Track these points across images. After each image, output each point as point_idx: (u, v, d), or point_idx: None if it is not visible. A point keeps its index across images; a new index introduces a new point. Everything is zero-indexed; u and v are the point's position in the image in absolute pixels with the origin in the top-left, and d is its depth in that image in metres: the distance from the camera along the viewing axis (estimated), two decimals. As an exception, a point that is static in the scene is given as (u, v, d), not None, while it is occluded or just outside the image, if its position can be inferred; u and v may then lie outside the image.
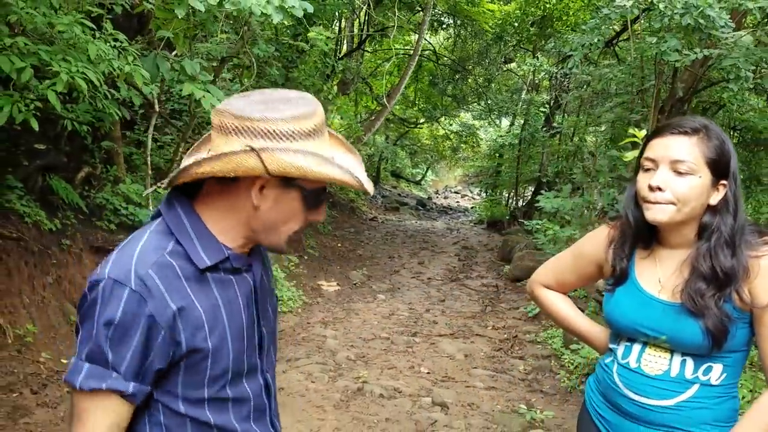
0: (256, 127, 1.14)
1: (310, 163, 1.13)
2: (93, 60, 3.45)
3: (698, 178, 1.48)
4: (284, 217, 1.23)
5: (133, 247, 1.18)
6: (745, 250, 1.49)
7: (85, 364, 1.11)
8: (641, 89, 7.73)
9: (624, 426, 1.62)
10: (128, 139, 6.19)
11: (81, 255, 4.87)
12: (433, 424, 4.23)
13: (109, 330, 1.10)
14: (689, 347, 1.52)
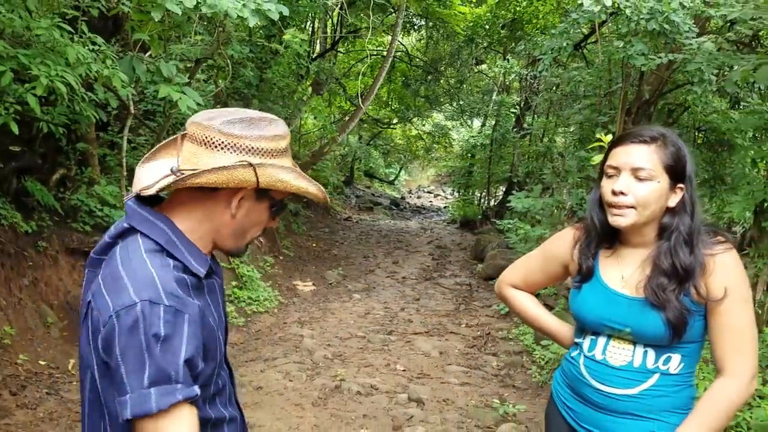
0: (244, 144, 1.26)
1: (290, 178, 1.29)
2: (72, 63, 3.48)
3: (657, 183, 1.61)
4: (252, 224, 1.36)
5: (143, 269, 1.21)
6: (702, 249, 1.61)
7: (151, 390, 1.12)
8: (609, 92, 7.94)
9: (590, 415, 1.73)
10: (102, 141, 6.16)
11: (57, 257, 4.86)
12: (410, 420, 4.33)
13: (160, 345, 1.13)
14: (651, 338, 1.64)
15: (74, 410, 3.89)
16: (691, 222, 1.63)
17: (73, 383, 4.21)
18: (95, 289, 1.23)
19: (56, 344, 4.49)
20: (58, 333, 4.57)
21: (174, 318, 1.16)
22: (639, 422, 1.66)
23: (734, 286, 1.59)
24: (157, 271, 1.20)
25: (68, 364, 4.38)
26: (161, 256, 1.24)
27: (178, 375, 1.14)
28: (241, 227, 1.34)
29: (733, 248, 1.63)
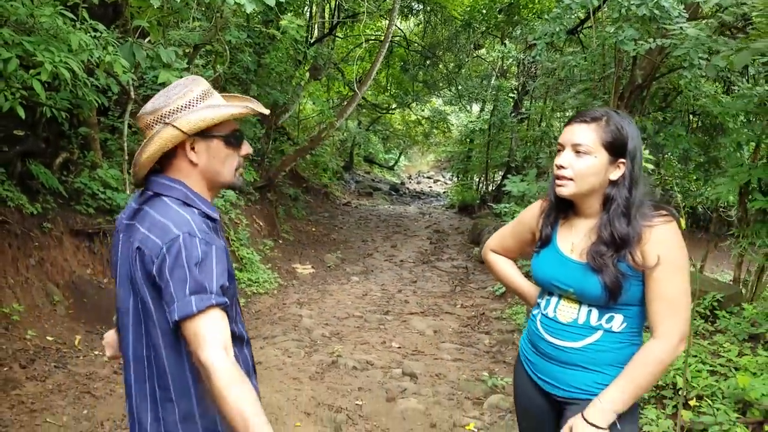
0: (164, 112, 1.58)
1: (210, 113, 1.57)
2: (74, 50, 3.60)
3: (594, 158, 1.78)
4: (220, 161, 1.65)
5: (179, 215, 1.55)
6: (641, 220, 1.76)
7: (192, 297, 1.47)
8: (603, 76, 8.04)
9: (544, 366, 1.94)
10: (103, 125, 6.29)
11: (62, 238, 5.02)
12: (403, 392, 4.50)
13: (198, 266, 1.49)
14: (592, 299, 1.81)
15: (81, 382, 4.06)
16: (629, 195, 1.77)
17: (79, 358, 4.38)
18: (141, 238, 1.56)
19: (62, 321, 4.65)
20: (64, 311, 4.74)
21: (207, 247, 1.52)
22: (584, 373, 1.84)
23: (668, 255, 1.72)
24: (190, 216, 1.56)
25: (75, 340, 4.55)
26: (187, 207, 1.59)
27: (212, 287, 1.49)
28: (212, 168, 1.64)
29: (673, 221, 1.76)
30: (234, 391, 1.41)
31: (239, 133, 1.68)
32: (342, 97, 16.48)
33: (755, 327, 4.55)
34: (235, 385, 1.42)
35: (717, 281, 5.70)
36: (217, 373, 1.42)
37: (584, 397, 1.85)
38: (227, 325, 1.51)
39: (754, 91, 6.20)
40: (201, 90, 1.63)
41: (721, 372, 3.92)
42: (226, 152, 1.65)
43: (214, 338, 1.46)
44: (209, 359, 1.43)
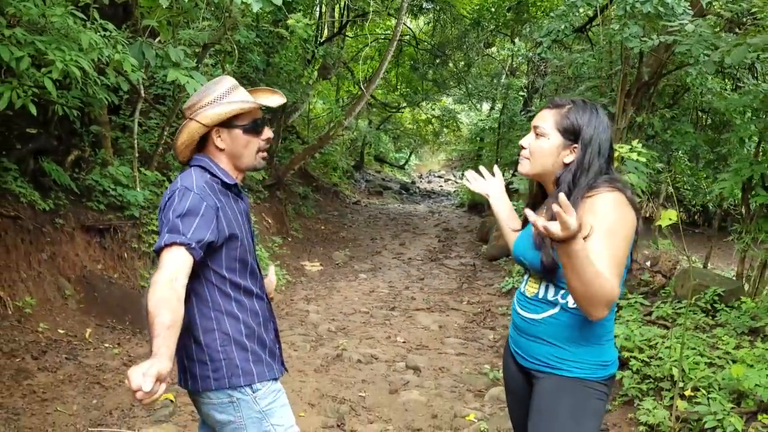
0: (194, 108, 1.98)
1: (224, 108, 1.94)
2: (85, 49, 3.71)
3: (547, 139, 1.94)
4: (241, 146, 2.01)
5: (190, 175, 1.94)
6: (587, 193, 1.85)
7: (167, 234, 1.79)
8: (610, 74, 8.06)
9: (516, 337, 2.07)
10: (114, 124, 6.40)
11: (73, 233, 5.13)
12: (406, 384, 4.58)
13: (182, 213, 1.82)
14: (537, 272, 1.94)
15: (91, 374, 4.17)
16: (573, 179, 1.88)
17: (90, 350, 4.50)
18: (164, 195, 1.97)
19: (74, 315, 4.77)
20: (75, 305, 4.86)
21: (198, 201, 1.85)
22: (545, 346, 1.95)
23: (596, 220, 1.77)
24: (196, 176, 1.94)
25: (85, 333, 4.66)
26: (203, 171, 1.98)
27: (187, 232, 1.79)
28: (235, 151, 2.01)
29: (615, 192, 1.82)
30: (152, 301, 1.67)
31: (259, 121, 2.02)
32: (352, 96, 16.56)
33: (755, 321, 4.58)
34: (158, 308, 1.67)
35: (718, 276, 5.72)
36: (152, 287, 1.72)
37: (546, 370, 1.95)
38: (186, 264, 1.78)
39: (760, 88, 6.21)
40: (226, 88, 1.98)
41: (719, 364, 3.96)
42: (246, 138, 2.00)
43: (167, 267, 1.75)
44: (154, 277, 1.75)
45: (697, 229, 13.51)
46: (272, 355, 2.08)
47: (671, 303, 5.28)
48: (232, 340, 1.95)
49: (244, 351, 1.97)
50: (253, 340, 2.01)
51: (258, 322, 2.04)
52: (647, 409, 3.68)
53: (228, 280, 1.96)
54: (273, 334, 2.14)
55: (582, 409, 1.91)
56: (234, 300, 1.98)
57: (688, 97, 9.26)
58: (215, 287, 1.95)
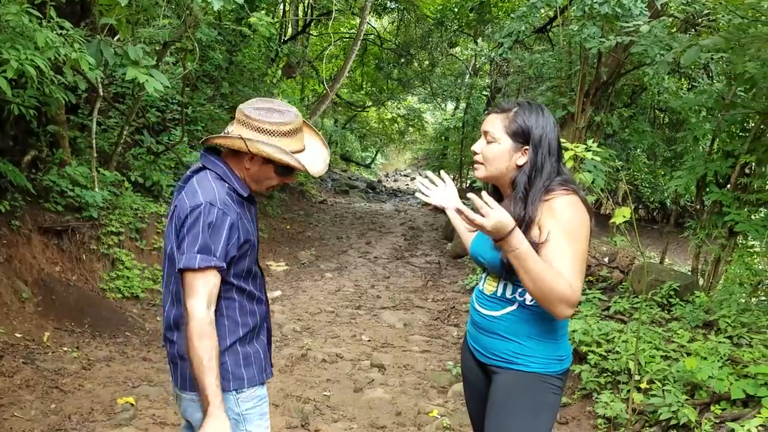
0: (251, 124, 1.94)
1: (273, 152, 1.92)
2: (41, 47, 3.63)
3: (498, 144, 1.97)
4: (264, 177, 2.02)
5: (210, 186, 1.92)
6: (543, 196, 1.89)
7: (197, 255, 1.83)
8: (570, 74, 8.21)
9: (476, 335, 2.11)
10: (72, 123, 6.28)
11: (30, 235, 5.02)
12: (371, 383, 4.60)
13: (209, 231, 1.85)
14: (497, 272, 1.99)
15: (50, 378, 4.09)
16: (528, 180, 1.92)
17: (48, 354, 4.41)
18: (179, 200, 1.94)
19: (31, 318, 4.67)
20: (32, 308, 4.75)
21: (223, 217, 1.87)
22: (504, 342, 2.00)
23: (556, 222, 1.83)
24: (217, 188, 1.92)
25: (43, 337, 4.57)
26: (221, 181, 1.96)
27: (217, 252, 1.85)
28: (256, 176, 2.02)
29: (570, 195, 1.89)
30: (202, 341, 1.81)
31: (293, 169, 2.02)
32: (317, 95, 16.52)
33: (709, 314, 4.73)
34: (204, 336, 1.82)
35: (674, 271, 5.88)
36: (194, 321, 1.81)
37: (504, 366, 2.00)
38: (217, 285, 1.88)
39: (714, 88, 6.41)
40: (289, 128, 1.97)
41: (673, 357, 4.08)
42: (272, 175, 2.01)
43: (204, 293, 1.83)
44: (193, 308, 1.82)
45: (655, 225, 13.85)
46: (265, 357, 2.11)
47: (628, 298, 5.42)
48: (227, 344, 1.97)
49: (236, 355, 2.00)
50: (249, 343, 2.04)
51: (255, 324, 2.06)
52: (605, 402, 3.78)
53: (234, 286, 1.98)
54: (267, 334, 2.18)
55: (538, 403, 1.97)
56: (237, 304, 2.00)
57: (646, 97, 9.50)
58: (222, 293, 1.95)
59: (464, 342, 2.25)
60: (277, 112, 1.96)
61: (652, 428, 3.52)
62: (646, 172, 11.29)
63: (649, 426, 3.58)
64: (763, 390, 3.35)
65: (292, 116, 1.98)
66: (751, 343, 4.13)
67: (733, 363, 3.79)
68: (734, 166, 5.35)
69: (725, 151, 5.56)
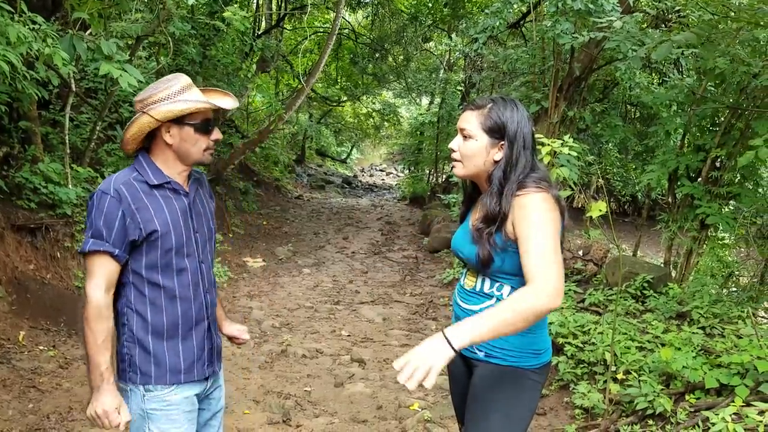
0: (146, 102, 1.96)
1: (178, 106, 1.94)
2: (13, 42, 3.56)
3: (475, 141, 1.98)
4: (190, 143, 2.01)
5: (112, 176, 1.97)
6: (516, 192, 1.91)
7: (90, 239, 1.90)
8: (543, 69, 8.29)
9: None
10: (44, 119, 6.16)
11: (3, 233, 4.93)
12: (351, 377, 4.62)
13: (102, 217, 1.89)
14: (474, 267, 2.02)
15: (26, 378, 4.03)
16: (503, 175, 1.95)
17: (24, 353, 4.34)
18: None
19: (6, 317, 4.59)
20: (7, 307, 4.67)
21: (116, 204, 1.90)
22: None
23: (529, 217, 1.85)
24: (117, 176, 1.97)
25: (19, 336, 4.49)
26: (131, 171, 2.00)
27: (110, 238, 1.89)
28: (183, 148, 2.01)
29: (543, 192, 1.89)
30: (98, 323, 1.89)
31: (210, 121, 2.05)
32: (291, 89, 16.43)
33: (682, 306, 4.83)
34: (102, 319, 1.89)
35: (647, 264, 6.00)
36: (91, 304, 1.88)
37: (482, 359, 2.03)
38: (115, 270, 1.93)
39: (684, 83, 6.53)
40: (180, 86, 1.99)
41: (648, 348, 4.17)
42: (195, 137, 2.01)
43: (100, 276, 1.90)
44: (90, 291, 1.89)
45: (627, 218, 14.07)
46: (191, 360, 2.04)
47: (603, 290, 5.51)
48: (135, 339, 1.98)
49: (145, 352, 1.99)
50: (161, 342, 1.99)
51: (175, 323, 2.01)
52: (582, 393, 3.85)
53: (146, 279, 1.97)
54: (202, 336, 2.08)
55: (515, 397, 1.99)
56: (148, 299, 1.98)
57: (618, 92, 9.62)
58: (130, 284, 1.98)
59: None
60: (161, 81, 2.00)
61: (629, 418, 3.60)
62: (617, 166, 11.45)
63: (626, 416, 3.65)
64: (736, 379, 3.44)
65: (179, 77, 2.02)
66: (723, 333, 4.23)
67: (706, 353, 3.89)
68: (705, 159, 5.47)
69: (696, 145, 5.67)
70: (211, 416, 2.25)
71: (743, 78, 5.05)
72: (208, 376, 2.13)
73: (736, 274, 5.68)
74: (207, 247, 2.15)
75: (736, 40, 4.41)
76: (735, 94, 5.48)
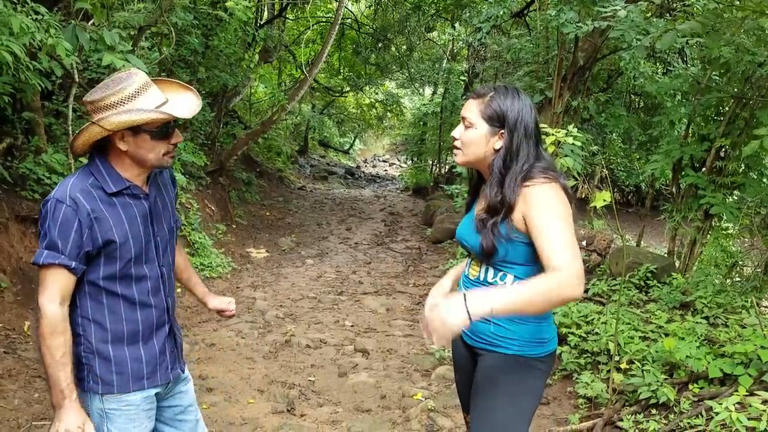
0: (97, 106, 1.82)
1: (131, 117, 1.79)
2: (16, 33, 3.56)
3: (475, 129, 1.98)
4: (146, 149, 1.88)
5: (68, 181, 1.85)
6: (523, 183, 1.91)
7: (45, 251, 1.80)
8: (547, 58, 8.25)
9: None
10: (47, 110, 6.16)
11: (8, 224, 4.94)
12: (355, 367, 4.64)
13: (57, 228, 1.79)
14: (477, 256, 2.03)
15: (32, 367, 4.06)
16: (503, 165, 1.94)
17: (29, 343, 4.37)
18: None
19: (11, 308, 4.61)
20: (12, 297, 4.69)
21: (72, 214, 1.79)
22: (486, 324, 2.02)
23: (542, 208, 1.85)
24: (73, 183, 1.84)
25: (24, 326, 4.52)
26: (87, 177, 1.87)
27: (65, 250, 1.79)
28: (140, 154, 1.89)
29: (552, 182, 1.89)
30: (54, 338, 1.80)
31: (170, 126, 1.91)
32: (294, 80, 16.38)
33: (686, 295, 4.83)
34: (57, 333, 1.80)
35: (651, 254, 5.99)
36: (46, 319, 1.79)
37: (488, 348, 2.04)
38: (70, 283, 1.84)
39: (689, 72, 6.49)
40: (135, 87, 1.83)
41: (652, 338, 4.17)
42: (152, 143, 1.87)
43: (54, 289, 1.81)
44: (44, 305, 1.80)
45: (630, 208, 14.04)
46: (153, 365, 2.02)
47: (606, 280, 5.51)
48: (94, 349, 1.92)
49: (106, 361, 1.93)
50: (123, 350, 1.95)
51: (135, 331, 1.96)
52: (585, 383, 3.85)
53: (104, 289, 1.91)
54: (163, 340, 2.05)
55: (518, 385, 2.00)
56: (107, 308, 1.92)
57: (622, 81, 9.58)
58: (86, 295, 1.90)
59: None
60: (114, 81, 1.84)
61: (632, 407, 3.61)
62: (621, 156, 11.42)
63: (629, 405, 3.66)
64: (739, 368, 3.45)
65: (133, 76, 1.85)
66: (726, 323, 4.24)
67: (709, 343, 3.89)
68: (709, 149, 5.45)
69: (700, 134, 5.65)
70: (183, 410, 2.21)
71: (748, 67, 5.02)
72: (170, 380, 2.09)
73: (740, 264, 5.66)
74: (168, 249, 2.08)
75: (741, 29, 4.37)
76: (740, 83, 5.45)
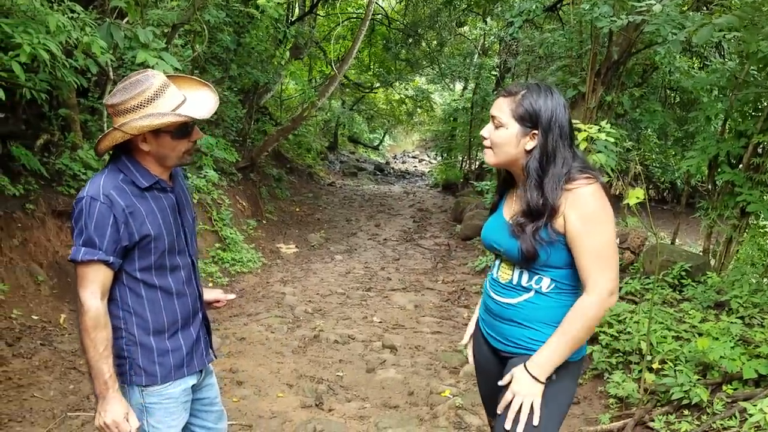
0: (118, 110, 1.88)
1: (151, 121, 1.85)
2: (52, 31, 3.64)
3: (506, 129, 1.92)
4: (168, 149, 1.95)
5: (98, 179, 1.90)
6: (560, 189, 1.86)
7: (82, 248, 1.84)
8: (580, 53, 8.13)
9: (491, 322, 2.10)
10: (83, 106, 6.29)
11: (45, 219, 5.07)
12: (383, 363, 4.65)
13: (93, 224, 1.83)
14: (514, 260, 1.97)
15: (67, 359, 4.16)
16: (539, 166, 1.88)
17: (65, 336, 4.48)
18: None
19: (47, 300, 4.73)
20: (48, 290, 4.81)
21: (107, 210, 1.84)
22: (520, 329, 2.00)
23: (585, 214, 1.83)
24: (105, 181, 1.89)
25: (60, 319, 4.63)
26: (118, 174, 1.92)
27: (102, 245, 1.84)
28: (162, 153, 1.96)
29: (594, 183, 1.86)
30: (97, 332, 1.85)
31: (188, 125, 1.96)
32: (324, 76, 16.44)
33: (721, 295, 4.72)
34: (100, 327, 1.85)
35: (686, 252, 5.87)
36: (89, 313, 1.84)
37: (521, 352, 2.00)
38: (108, 277, 1.89)
39: (726, 66, 6.33)
40: (154, 90, 1.88)
41: (685, 337, 4.09)
42: (173, 143, 1.94)
43: (95, 284, 1.85)
44: (86, 300, 1.85)
45: (665, 205, 13.79)
46: (191, 353, 2.08)
47: (639, 279, 5.42)
48: (137, 341, 1.96)
49: (149, 352, 1.98)
50: (164, 340, 2.01)
51: (175, 320, 2.03)
52: (616, 382, 3.80)
53: (141, 282, 1.96)
54: (198, 327, 2.13)
55: (553, 388, 1.96)
56: (146, 300, 1.97)
57: (657, 76, 9.39)
58: (126, 287, 1.95)
59: (476, 328, 2.25)
60: (133, 83, 1.89)
61: (664, 408, 3.54)
62: (656, 153, 11.20)
63: (661, 405, 3.60)
64: (775, 370, 3.36)
65: (151, 78, 1.90)
66: (763, 323, 4.13)
67: (745, 343, 3.80)
68: (747, 146, 5.31)
69: (737, 131, 5.51)
70: (210, 401, 2.27)
71: (788, 61, 4.88)
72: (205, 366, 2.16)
73: (778, 263, 5.52)
74: (194, 238, 2.16)
75: (782, 22, 4.26)
76: (779, 78, 5.30)
